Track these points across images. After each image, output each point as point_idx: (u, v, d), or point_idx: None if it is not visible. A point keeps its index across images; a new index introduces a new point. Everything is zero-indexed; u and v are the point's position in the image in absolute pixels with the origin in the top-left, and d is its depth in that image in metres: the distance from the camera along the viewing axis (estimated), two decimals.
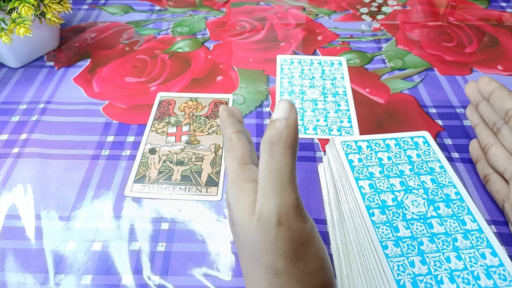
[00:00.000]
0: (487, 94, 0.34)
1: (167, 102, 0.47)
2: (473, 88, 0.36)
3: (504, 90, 0.33)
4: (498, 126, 0.35)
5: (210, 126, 0.44)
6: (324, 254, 0.21)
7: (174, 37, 0.58)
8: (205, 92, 0.48)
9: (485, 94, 0.35)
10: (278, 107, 0.20)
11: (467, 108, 0.38)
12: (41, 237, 0.34)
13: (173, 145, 0.42)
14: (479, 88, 0.35)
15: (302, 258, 0.20)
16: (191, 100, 0.47)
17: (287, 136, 0.19)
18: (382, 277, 0.25)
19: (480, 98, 0.36)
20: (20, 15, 0.44)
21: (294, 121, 0.19)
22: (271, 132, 0.19)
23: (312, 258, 0.21)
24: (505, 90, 0.33)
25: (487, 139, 0.36)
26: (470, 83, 0.37)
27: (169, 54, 0.54)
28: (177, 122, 0.44)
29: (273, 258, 0.20)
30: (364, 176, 0.31)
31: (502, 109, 0.33)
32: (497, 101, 0.34)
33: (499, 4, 0.65)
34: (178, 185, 0.38)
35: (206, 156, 0.41)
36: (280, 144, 0.19)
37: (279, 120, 0.19)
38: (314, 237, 0.21)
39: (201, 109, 0.46)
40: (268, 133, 0.19)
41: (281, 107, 0.20)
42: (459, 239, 0.27)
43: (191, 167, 0.39)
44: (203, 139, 0.42)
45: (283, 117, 0.19)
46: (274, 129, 0.19)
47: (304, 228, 0.20)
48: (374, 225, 0.28)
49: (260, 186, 0.20)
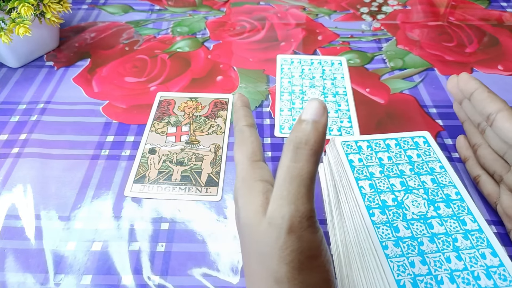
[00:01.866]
0: (468, 94, 0.33)
1: (167, 102, 0.47)
2: (454, 84, 0.35)
3: (484, 92, 0.32)
4: (483, 127, 0.34)
5: (210, 126, 0.44)
6: (330, 267, 0.21)
7: (174, 37, 0.58)
8: (205, 92, 0.48)
9: (466, 94, 0.33)
10: (309, 106, 0.18)
11: (453, 103, 0.37)
12: (41, 237, 0.34)
13: (173, 145, 0.42)
14: (460, 87, 0.34)
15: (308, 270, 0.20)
16: (191, 100, 0.47)
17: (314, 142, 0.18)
18: (382, 277, 0.25)
19: (462, 95, 0.34)
20: (19, 15, 0.44)
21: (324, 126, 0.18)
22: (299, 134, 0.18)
23: (318, 270, 0.20)
24: (485, 92, 0.32)
25: (475, 139, 0.35)
26: (452, 78, 0.35)
27: (169, 54, 0.54)
28: (177, 122, 0.44)
29: (277, 265, 0.19)
30: (364, 176, 0.31)
31: (483, 113, 0.32)
32: (477, 104, 0.32)
33: (500, 4, 0.65)
34: (178, 185, 0.38)
35: (206, 156, 0.40)
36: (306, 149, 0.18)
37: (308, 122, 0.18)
38: (322, 249, 0.20)
39: (201, 109, 0.46)
40: (295, 134, 0.18)
41: (313, 107, 0.18)
42: (459, 239, 0.27)
43: (191, 167, 0.39)
44: (203, 139, 0.42)
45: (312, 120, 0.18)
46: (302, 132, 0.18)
47: (314, 240, 0.19)
48: (374, 225, 0.28)
49: (277, 189, 0.19)
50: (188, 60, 0.53)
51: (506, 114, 0.30)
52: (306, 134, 0.18)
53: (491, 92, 0.32)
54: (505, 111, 0.30)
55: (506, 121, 0.30)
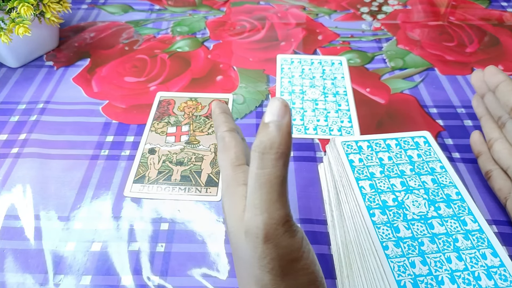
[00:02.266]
0: (493, 86, 0.33)
1: (167, 102, 0.47)
2: (479, 77, 0.35)
3: (510, 84, 0.32)
4: (503, 121, 0.34)
5: (210, 126, 0.44)
6: (315, 267, 0.20)
7: (173, 36, 0.58)
8: (205, 91, 0.48)
9: (491, 86, 0.33)
10: (271, 107, 0.18)
11: (473, 97, 0.37)
12: (41, 237, 0.34)
13: (173, 145, 0.42)
14: (485, 79, 0.34)
15: (292, 274, 0.19)
16: (191, 100, 0.47)
17: (279, 144, 0.17)
18: (382, 278, 0.25)
19: (486, 88, 0.35)
20: (19, 15, 0.44)
21: (288, 125, 0.18)
22: (263, 139, 0.18)
23: (302, 273, 0.20)
24: (511, 84, 0.32)
25: (492, 134, 0.35)
26: (477, 72, 0.35)
27: (168, 53, 0.54)
28: (176, 122, 0.44)
29: (260, 274, 0.19)
30: (364, 176, 0.31)
31: (508, 104, 0.32)
32: (502, 95, 0.32)
33: (500, 4, 0.65)
34: (178, 185, 0.38)
35: (206, 156, 0.40)
36: (271, 153, 0.17)
37: (272, 123, 0.18)
38: (303, 251, 0.20)
39: (201, 109, 0.46)
40: (260, 139, 0.18)
41: (274, 107, 0.18)
42: (460, 240, 0.27)
43: (191, 167, 0.39)
44: (203, 139, 0.42)
45: (275, 120, 0.18)
46: (266, 136, 0.17)
47: (293, 244, 0.19)
48: (375, 225, 0.28)
49: (249, 198, 0.19)
50: (188, 60, 0.53)
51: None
52: (270, 138, 0.17)
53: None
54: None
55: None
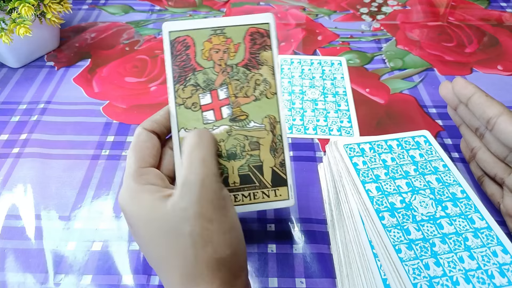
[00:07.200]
0: (465, 99, 0.32)
1: (184, 43, 0.28)
2: (448, 90, 0.34)
3: (482, 96, 0.31)
4: (482, 132, 0.33)
5: (255, 82, 0.28)
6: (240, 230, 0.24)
7: None
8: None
9: (463, 99, 0.33)
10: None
11: (447, 108, 0.36)
12: (41, 237, 0.34)
13: (215, 126, 0.27)
14: (456, 92, 0.33)
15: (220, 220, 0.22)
16: (216, 35, 0.28)
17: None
18: (399, 282, 0.25)
19: (457, 101, 0.34)
20: (20, 15, 0.44)
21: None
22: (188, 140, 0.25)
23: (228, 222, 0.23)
24: (483, 96, 0.31)
25: (473, 143, 0.35)
26: (444, 84, 0.34)
27: None
28: (208, 83, 0.28)
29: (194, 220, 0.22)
30: (370, 179, 0.30)
31: (484, 117, 0.31)
32: (477, 108, 0.31)
33: (499, 4, 0.65)
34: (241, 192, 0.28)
35: (262, 140, 0.27)
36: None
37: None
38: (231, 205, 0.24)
39: (234, 52, 0.28)
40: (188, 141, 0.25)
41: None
42: (470, 238, 0.27)
43: (248, 161, 0.27)
44: (251, 109, 0.27)
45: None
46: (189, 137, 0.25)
47: (222, 192, 0.23)
48: (385, 228, 0.27)
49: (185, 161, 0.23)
50: None
51: (507, 118, 0.30)
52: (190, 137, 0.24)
53: (489, 96, 0.31)
54: (506, 114, 0.30)
55: (508, 124, 0.30)
